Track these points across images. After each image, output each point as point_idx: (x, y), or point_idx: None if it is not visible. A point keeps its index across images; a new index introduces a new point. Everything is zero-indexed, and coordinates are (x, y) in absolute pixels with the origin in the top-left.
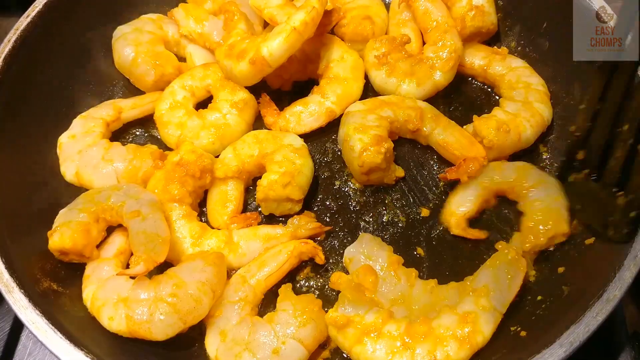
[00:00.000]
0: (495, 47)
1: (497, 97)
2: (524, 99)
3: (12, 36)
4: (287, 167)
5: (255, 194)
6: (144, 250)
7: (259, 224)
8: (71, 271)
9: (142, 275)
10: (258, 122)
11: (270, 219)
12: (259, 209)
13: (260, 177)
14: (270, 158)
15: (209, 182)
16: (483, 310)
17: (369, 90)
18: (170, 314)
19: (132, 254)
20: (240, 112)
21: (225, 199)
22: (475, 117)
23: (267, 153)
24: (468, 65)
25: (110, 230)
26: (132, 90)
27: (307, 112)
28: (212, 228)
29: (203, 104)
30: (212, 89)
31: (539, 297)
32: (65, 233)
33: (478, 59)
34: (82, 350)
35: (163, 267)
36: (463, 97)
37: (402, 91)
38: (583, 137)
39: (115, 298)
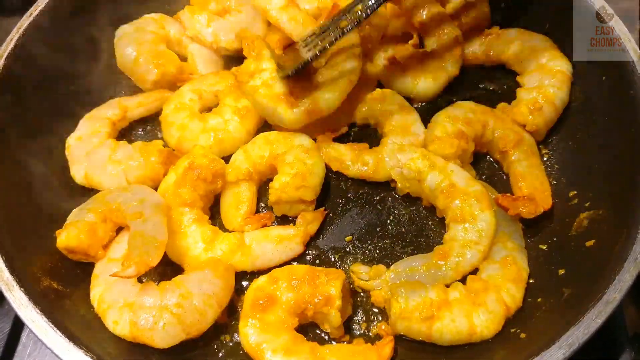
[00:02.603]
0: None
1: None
2: (536, 65)
3: (15, 35)
4: (299, 168)
5: (267, 195)
6: (137, 254)
7: (273, 223)
8: (72, 270)
9: (133, 277)
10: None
11: (282, 218)
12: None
13: (272, 179)
14: (282, 159)
15: (220, 187)
16: (514, 251)
17: None
18: (173, 325)
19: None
20: (242, 120)
21: (238, 200)
22: (503, 106)
23: (279, 154)
24: (471, 55)
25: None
26: (134, 89)
27: None
28: (226, 231)
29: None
30: (219, 94)
31: (539, 299)
32: (71, 232)
33: (477, 46)
34: (81, 349)
35: (171, 273)
36: (480, 90)
37: (419, 89)
38: None
39: (122, 302)
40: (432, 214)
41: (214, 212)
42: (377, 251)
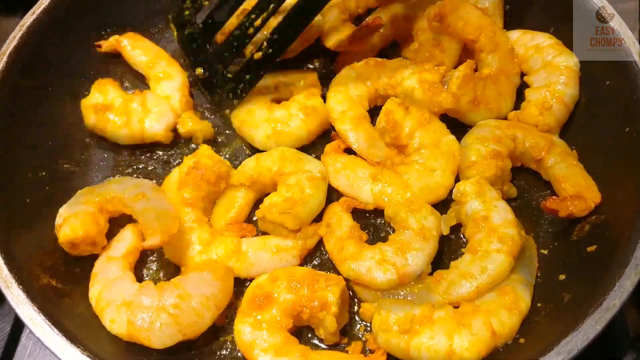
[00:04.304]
0: None
1: None
2: (542, 63)
3: (18, 33)
4: (294, 194)
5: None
6: (158, 224)
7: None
8: (70, 268)
9: (157, 247)
10: None
11: None
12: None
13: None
14: (284, 179)
15: (222, 189)
16: (516, 283)
17: None
18: (170, 325)
19: (138, 255)
20: (307, 118)
21: (230, 204)
22: (513, 115)
23: (285, 172)
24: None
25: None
26: (138, 86)
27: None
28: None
29: None
30: (295, 90)
31: (539, 304)
32: (75, 224)
33: None
34: (78, 347)
35: (172, 274)
36: None
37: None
38: None
39: (120, 301)
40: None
41: None
42: None
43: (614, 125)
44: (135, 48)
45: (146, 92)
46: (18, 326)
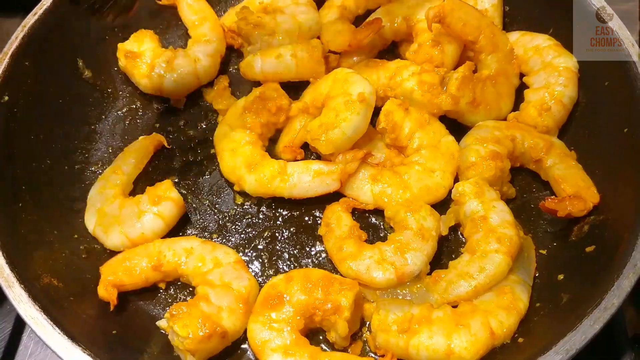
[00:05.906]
0: None
1: None
2: (542, 64)
3: (20, 33)
4: (327, 119)
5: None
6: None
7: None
8: (72, 267)
9: None
10: None
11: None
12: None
13: None
14: (327, 102)
15: (282, 121)
16: (514, 283)
17: None
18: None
19: None
20: None
21: (289, 130)
22: (513, 116)
23: (331, 96)
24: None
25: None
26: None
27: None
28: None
29: None
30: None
31: (537, 304)
32: None
33: None
34: (79, 346)
35: None
36: None
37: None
38: None
39: None
40: (449, 239)
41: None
42: None
43: (613, 126)
44: (190, 6)
45: (179, 51)
46: (19, 326)
